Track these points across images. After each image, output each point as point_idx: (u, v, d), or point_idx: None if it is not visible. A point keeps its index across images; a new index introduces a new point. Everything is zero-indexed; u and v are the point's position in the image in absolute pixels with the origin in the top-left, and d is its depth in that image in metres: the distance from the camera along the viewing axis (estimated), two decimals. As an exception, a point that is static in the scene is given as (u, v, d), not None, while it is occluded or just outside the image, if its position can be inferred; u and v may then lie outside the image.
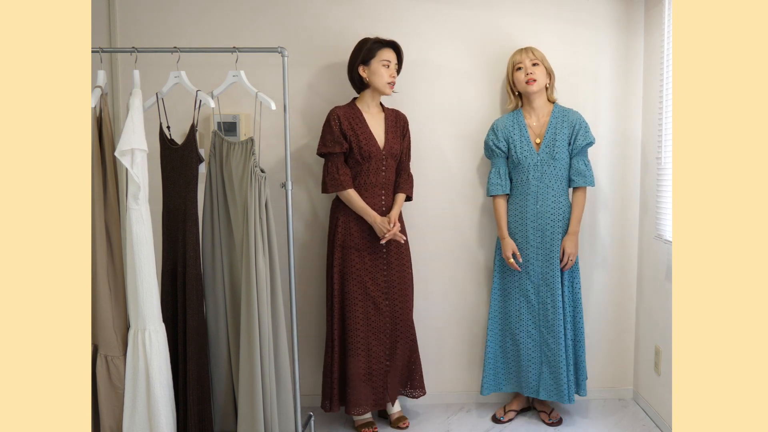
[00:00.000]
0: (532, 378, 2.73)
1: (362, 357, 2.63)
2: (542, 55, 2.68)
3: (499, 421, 2.81)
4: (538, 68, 2.65)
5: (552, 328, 2.68)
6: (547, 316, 2.68)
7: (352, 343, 2.62)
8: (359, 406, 2.64)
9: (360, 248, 2.63)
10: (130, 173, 2.08)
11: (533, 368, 2.72)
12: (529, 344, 2.72)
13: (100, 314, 2.14)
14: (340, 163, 2.61)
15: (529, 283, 2.70)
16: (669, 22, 2.62)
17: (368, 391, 2.65)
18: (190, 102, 2.36)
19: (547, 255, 2.67)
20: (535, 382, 2.73)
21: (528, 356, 2.72)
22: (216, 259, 2.36)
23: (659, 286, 2.74)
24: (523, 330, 2.72)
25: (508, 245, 2.71)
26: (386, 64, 2.59)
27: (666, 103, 2.64)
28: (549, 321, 2.68)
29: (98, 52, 2.21)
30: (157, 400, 2.13)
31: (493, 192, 2.74)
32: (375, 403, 2.68)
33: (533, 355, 2.72)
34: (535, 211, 2.67)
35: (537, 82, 2.64)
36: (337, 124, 2.59)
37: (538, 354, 2.72)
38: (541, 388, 2.72)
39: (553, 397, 2.71)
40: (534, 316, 2.70)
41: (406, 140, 2.74)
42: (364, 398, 2.64)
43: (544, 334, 2.69)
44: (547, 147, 2.66)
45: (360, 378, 2.63)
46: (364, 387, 2.64)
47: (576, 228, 2.68)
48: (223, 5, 2.86)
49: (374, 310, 2.64)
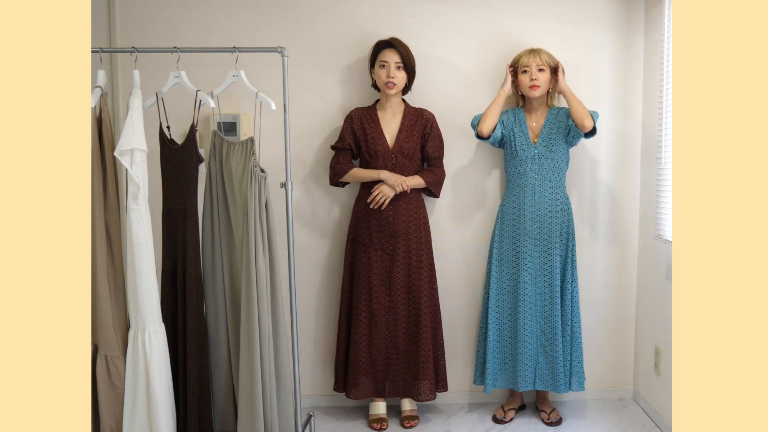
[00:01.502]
0: (529, 370, 2.73)
1: (363, 346, 2.71)
2: (548, 58, 2.67)
3: (501, 421, 2.81)
4: (543, 74, 2.66)
5: (549, 318, 2.70)
6: (544, 307, 2.71)
7: (354, 332, 2.72)
8: (357, 389, 2.72)
9: (366, 244, 2.70)
10: (129, 173, 2.08)
11: (530, 360, 2.73)
12: (526, 337, 2.72)
13: (100, 314, 2.14)
14: (342, 156, 2.74)
15: (526, 274, 2.70)
16: (669, 22, 2.62)
17: (368, 378, 2.73)
18: (190, 102, 2.36)
19: (544, 247, 2.69)
20: (531, 374, 2.74)
21: (524, 349, 2.72)
22: (216, 259, 2.36)
23: (659, 286, 2.74)
24: (520, 323, 2.72)
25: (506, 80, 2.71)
26: (383, 64, 2.65)
27: (666, 103, 2.64)
28: (546, 312, 2.71)
29: (98, 52, 2.21)
30: (157, 400, 2.13)
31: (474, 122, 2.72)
32: (375, 392, 2.75)
33: (530, 347, 2.72)
34: (533, 203, 2.69)
35: (540, 88, 2.66)
36: (349, 122, 2.75)
37: (535, 345, 2.73)
38: (537, 378, 2.74)
39: (549, 387, 2.73)
40: (531, 308, 2.71)
41: (432, 137, 2.76)
42: (362, 384, 2.72)
43: (542, 324, 2.72)
44: (544, 140, 2.69)
45: (360, 365, 2.71)
46: (363, 374, 2.72)
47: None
48: (223, 5, 2.86)
49: (377, 304, 2.70)
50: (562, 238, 2.70)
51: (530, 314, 2.71)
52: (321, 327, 3.00)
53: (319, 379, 3.02)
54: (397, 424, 2.80)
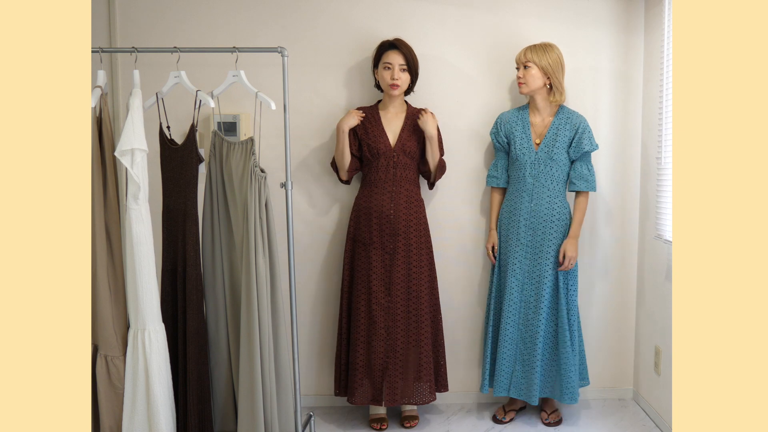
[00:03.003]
0: (504, 376, 2.72)
1: (362, 349, 2.68)
2: (540, 55, 2.60)
3: (501, 421, 2.81)
4: (528, 71, 2.61)
5: (530, 326, 2.68)
6: (527, 314, 2.69)
7: (354, 334, 2.70)
8: (355, 395, 2.69)
9: (366, 243, 2.69)
10: (130, 173, 2.08)
11: (506, 366, 2.71)
12: (505, 342, 2.71)
13: (100, 314, 2.14)
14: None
15: (514, 280, 2.69)
16: (669, 22, 2.62)
17: (366, 383, 2.69)
18: (190, 102, 2.36)
19: (536, 254, 2.67)
20: (507, 381, 2.72)
21: (503, 354, 2.71)
22: (216, 259, 2.36)
23: (659, 286, 2.74)
24: (502, 327, 2.71)
25: (490, 237, 2.81)
26: (387, 66, 2.65)
27: (666, 103, 2.64)
28: (529, 319, 2.68)
29: (98, 52, 2.21)
30: (157, 400, 2.13)
31: (489, 183, 2.82)
32: (372, 398, 2.70)
33: (508, 353, 2.71)
34: (529, 209, 2.67)
35: (525, 84, 2.63)
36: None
37: (513, 352, 2.71)
38: (512, 386, 2.72)
39: (523, 396, 2.71)
40: (513, 314, 2.69)
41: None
42: (360, 389, 2.69)
43: (522, 332, 2.70)
44: (546, 147, 2.65)
45: (358, 369, 2.68)
46: (361, 378, 2.69)
47: (577, 232, 2.68)
48: (223, 5, 2.86)
49: (375, 305, 2.67)
50: (556, 247, 2.67)
51: (512, 320, 2.69)
52: (321, 327, 3.00)
53: (319, 379, 3.02)
54: (397, 424, 2.80)
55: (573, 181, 2.69)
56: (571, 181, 2.70)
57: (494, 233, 2.79)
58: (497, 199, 2.81)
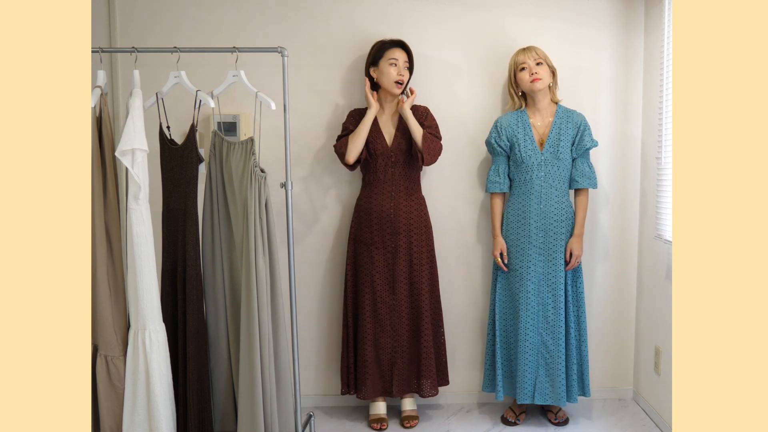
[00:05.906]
0: (528, 383, 2.67)
1: (370, 346, 2.71)
2: (545, 54, 2.66)
3: (513, 423, 2.77)
4: (542, 67, 2.62)
5: (552, 330, 2.65)
6: (547, 317, 2.66)
7: (360, 332, 2.72)
8: (366, 390, 2.71)
9: (368, 243, 2.71)
10: (130, 173, 2.08)
11: (529, 373, 2.66)
12: (526, 348, 2.66)
13: (100, 314, 2.14)
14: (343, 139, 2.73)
15: (529, 283, 2.65)
16: (669, 22, 2.62)
17: (376, 378, 2.73)
18: (190, 102, 2.36)
19: (549, 255, 2.66)
20: (531, 388, 2.68)
21: (524, 360, 2.66)
22: (216, 259, 2.36)
23: (659, 286, 2.74)
24: (521, 333, 2.66)
25: (497, 244, 2.74)
26: (393, 62, 2.65)
27: (666, 103, 2.64)
28: (549, 323, 2.65)
29: (98, 52, 2.21)
30: (157, 400, 2.13)
31: (490, 189, 2.76)
32: (383, 391, 2.75)
33: (530, 359, 2.66)
34: (539, 211, 2.65)
35: (542, 80, 2.62)
36: (351, 118, 2.74)
37: (535, 357, 2.67)
38: (537, 392, 2.68)
39: (549, 401, 2.68)
40: (533, 318, 2.66)
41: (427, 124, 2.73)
42: (371, 384, 2.72)
43: (544, 336, 2.66)
44: (551, 147, 2.65)
45: (368, 365, 2.71)
46: (372, 374, 2.72)
47: (581, 230, 2.68)
48: (223, 5, 2.86)
49: (380, 303, 2.70)
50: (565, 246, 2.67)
51: (532, 325, 2.66)
52: (322, 327, 3.00)
53: (320, 379, 3.02)
54: (397, 424, 2.80)
55: (576, 179, 2.69)
56: (573, 179, 2.70)
57: (500, 239, 2.73)
58: (499, 204, 2.77)
